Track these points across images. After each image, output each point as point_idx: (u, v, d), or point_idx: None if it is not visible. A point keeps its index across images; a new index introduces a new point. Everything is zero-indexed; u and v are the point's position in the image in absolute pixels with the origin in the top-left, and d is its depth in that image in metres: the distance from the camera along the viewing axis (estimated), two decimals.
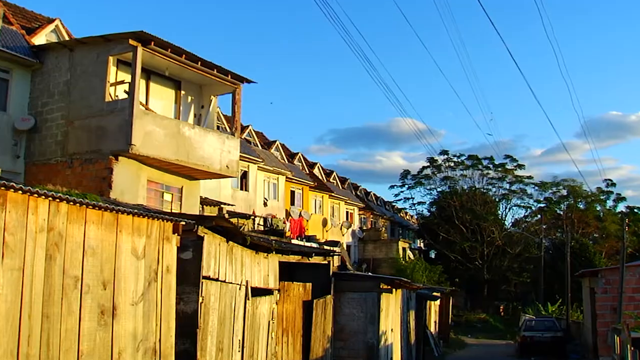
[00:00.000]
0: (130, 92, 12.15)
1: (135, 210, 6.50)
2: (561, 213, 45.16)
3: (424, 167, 46.65)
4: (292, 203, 31.68)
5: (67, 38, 14.32)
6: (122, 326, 5.97)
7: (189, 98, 15.04)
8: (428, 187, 46.13)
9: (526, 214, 46.31)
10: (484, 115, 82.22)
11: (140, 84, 12.80)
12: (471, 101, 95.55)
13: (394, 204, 52.12)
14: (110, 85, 12.59)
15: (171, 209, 13.36)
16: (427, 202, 46.47)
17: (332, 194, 36.79)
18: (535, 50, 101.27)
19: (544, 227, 41.35)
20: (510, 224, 46.09)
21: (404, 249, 40.37)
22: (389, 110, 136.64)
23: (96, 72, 12.43)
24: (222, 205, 19.95)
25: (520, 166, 45.84)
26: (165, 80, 14.23)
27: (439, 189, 45.74)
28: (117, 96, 12.81)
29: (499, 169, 45.25)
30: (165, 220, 7.14)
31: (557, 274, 35.37)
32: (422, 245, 52.23)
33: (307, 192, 33.38)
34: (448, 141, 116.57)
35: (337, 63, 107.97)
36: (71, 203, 5.33)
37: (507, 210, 45.90)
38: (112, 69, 12.63)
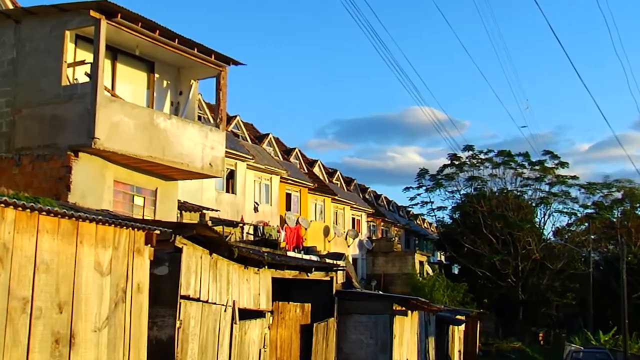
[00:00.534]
0: (93, 75, 12.07)
1: (100, 217, 6.45)
2: (614, 221, 44.40)
3: (444, 166, 46.59)
4: (288, 208, 31.69)
5: (11, 7, 14.14)
6: (82, 358, 5.91)
7: (165, 83, 15.00)
8: (450, 190, 46.08)
9: (570, 221, 45.53)
10: (518, 103, 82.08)
11: (105, 64, 12.70)
12: (502, 86, 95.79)
13: (409, 209, 52.20)
14: (68, 66, 12.50)
15: (143, 216, 13.29)
16: (449, 207, 46.42)
17: (336, 198, 36.81)
18: (583, 25, 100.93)
19: (593, 237, 40.98)
20: (551, 234, 45.85)
21: (421, 262, 40.36)
22: (403, 97, 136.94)
23: (50, 49, 12.26)
24: (204, 211, 19.93)
25: (563, 164, 45.38)
26: (135, 61, 14.18)
27: (463, 192, 45.72)
28: (76, 79, 12.73)
29: (536, 168, 44.98)
30: (135, 229, 7.11)
31: (611, 295, 34.86)
32: (443, 258, 52.17)
33: (305, 195, 33.38)
34: (474, 134, 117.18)
35: (341, 41, 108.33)
36: (19, 209, 5.26)
37: (546, 217, 45.50)
38: (69, 46, 12.53)
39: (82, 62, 12.70)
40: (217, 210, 22.02)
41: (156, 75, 14.71)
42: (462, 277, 41.89)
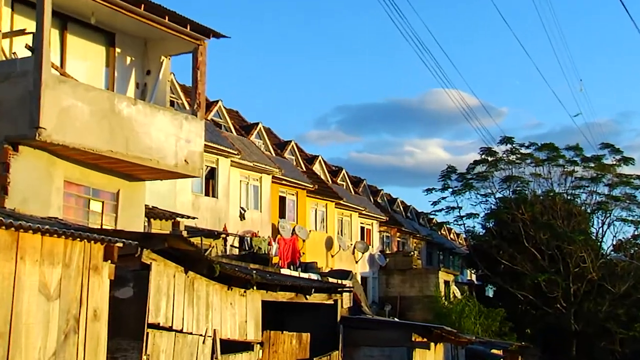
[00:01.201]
0: (36, 48, 12.00)
1: (46, 227, 6.42)
2: None
3: (476, 162, 46.45)
4: (282, 215, 31.72)
5: None
6: None
7: (128, 59, 15.01)
8: (482, 192, 45.92)
9: (637, 232, 45.18)
10: (570, 85, 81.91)
11: (52, 35, 12.69)
12: (550, 64, 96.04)
13: (431, 216, 52.25)
14: (3, 37, 12.47)
15: (102, 225, 13.30)
16: (482, 214, 46.31)
17: (341, 202, 36.90)
18: None
19: None
20: (611, 248, 45.38)
21: (446, 283, 40.39)
22: (425, 78, 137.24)
23: None
24: (178, 219, 19.96)
25: (627, 160, 44.22)
26: (91, 31, 14.17)
27: (498, 195, 45.58)
28: (14, 54, 12.69)
29: (592, 165, 44.39)
30: (92, 241, 7.11)
31: None
32: (474, 277, 52.17)
33: (303, 198, 33.43)
34: (513, 123, 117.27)
35: (346, 8, 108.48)
36: None
37: (604, 226, 44.76)
38: (4, 11, 12.51)
39: (22, 32, 12.63)
40: (194, 218, 22.04)
41: (117, 50, 14.71)
42: (499, 301, 41.78)
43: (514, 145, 45.08)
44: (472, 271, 50.38)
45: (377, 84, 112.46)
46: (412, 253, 42.76)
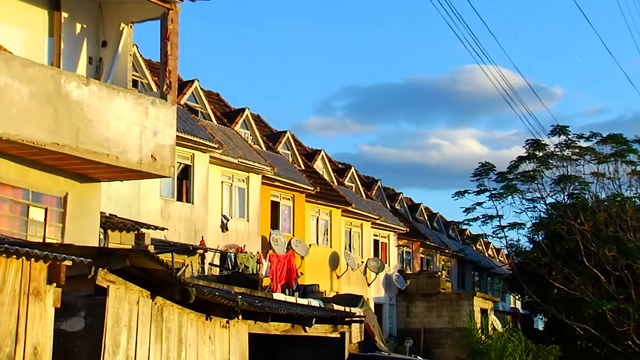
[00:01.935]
0: None
1: None
2: None
3: (520, 159, 46.31)
4: (275, 225, 31.75)
5: None
6: None
7: (78, 27, 15.01)
8: (529, 197, 45.88)
9: None
10: None
11: None
12: (617, 32, 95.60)
13: (464, 226, 52.13)
14: None
15: (44, 238, 13.31)
16: (528, 224, 46.28)
17: (349, 208, 36.91)
18: None
19: None
20: None
21: (483, 311, 40.34)
22: (455, 52, 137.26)
23: None
24: (143, 230, 19.98)
25: None
26: None
27: (550, 200, 45.52)
28: None
29: None
30: (32, 259, 7.12)
31: None
32: (518, 305, 52.09)
33: (301, 204, 33.46)
34: (569, 108, 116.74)
35: None
36: None
37: None
38: None
39: None
40: (163, 229, 22.04)
41: (64, 15, 14.72)
42: (552, 336, 41.75)
43: (569, 136, 44.82)
44: (517, 297, 50.26)
45: (395, 59, 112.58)
46: (440, 273, 42.73)
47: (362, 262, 37.87)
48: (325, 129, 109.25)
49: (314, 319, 14.93)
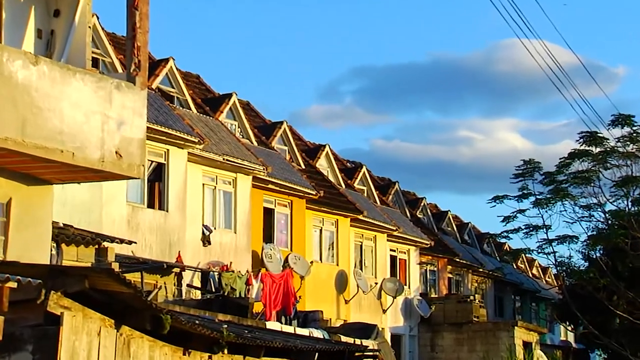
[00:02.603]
0: None
1: None
2: None
3: (572, 156, 46.20)
4: (269, 237, 31.77)
5: None
6: None
7: None
8: (584, 203, 45.82)
9: None
10: None
11: None
12: None
13: (502, 239, 51.90)
14: None
15: None
16: (582, 238, 46.21)
17: (360, 217, 36.93)
18: None
19: None
20: None
21: (527, 345, 40.22)
22: (491, 24, 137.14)
23: None
24: (105, 243, 20.01)
25: None
26: None
27: (610, 207, 45.43)
28: None
29: None
30: None
31: None
32: (570, 337, 51.96)
33: (301, 211, 33.46)
34: (634, 93, 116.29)
35: None
36: None
37: None
38: None
39: None
40: (130, 243, 22.08)
41: None
42: None
43: (634, 128, 44.76)
44: (569, 327, 50.11)
45: (416, 32, 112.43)
46: (472, 298, 42.68)
47: (376, 283, 37.85)
48: (330, 119, 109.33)
49: (317, 354, 14.93)
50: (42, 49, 14.98)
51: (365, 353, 17.79)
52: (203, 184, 28.62)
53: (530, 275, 57.56)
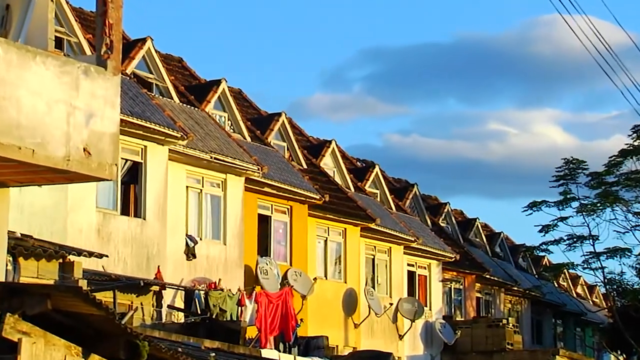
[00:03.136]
0: None
1: None
2: None
3: (624, 153, 46.39)
4: (264, 250, 31.81)
5: None
6: None
7: None
8: (637, 209, 45.87)
9: None
10: None
11: None
12: None
13: (540, 252, 52.06)
14: None
15: None
16: (636, 250, 46.24)
17: (372, 226, 36.97)
18: None
19: None
20: None
21: None
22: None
23: None
24: (71, 257, 20.00)
25: None
26: None
27: None
28: None
29: None
30: None
31: None
32: None
33: (302, 218, 33.52)
34: None
35: None
36: None
37: None
38: None
39: None
40: (100, 256, 22.07)
41: None
42: None
43: None
44: (620, 356, 50.23)
45: (440, 8, 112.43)
46: (506, 321, 42.65)
47: (391, 304, 37.85)
48: (336, 110, 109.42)
49: None
50: None
51: None
52: (187, 187, 28.62)
53: (574, 295, 57.47)
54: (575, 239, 45.41)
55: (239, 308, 26.79)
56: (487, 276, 45.85)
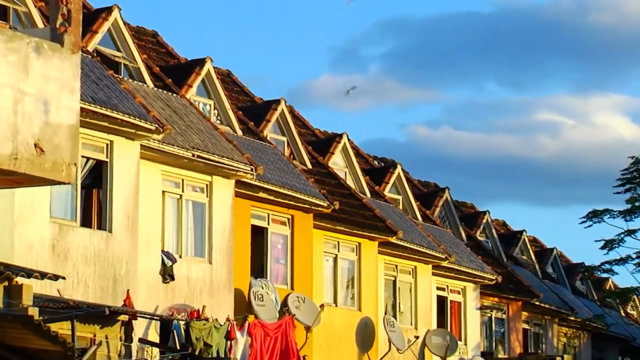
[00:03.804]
0: None
1: None
2: None
3: None
4: (260, 270, 31.94)
5: None
6: None
7: None
8: None
9: None
10: None
11: None
12: None
13: (602, 274, 52.19)
14: None
15: None
16: None
17: (393, 240, 37.09)
18: None
19: None
20: None
21: None
22: None
23: None
24: (19, 279, 20.02)
25: None
26: None
27: None
28: None
29: None
30: None
31: None
32: None
33: (307, 231, 33.62)
34: None
35: None
36: None
37: None
38: None
39: None
40: (56, 278, 22.09)
41: None
42: None
43: None
44: None
45: None
46: (561, 359, 42.76)
47: (417, 337, 37.94)
48: (348, 96, 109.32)
49: None
50: None
51: None
52: (163, 192, 28.66)
53: None
54: None
55: (228, 342, 26.79)
56: (537, 303, 45.89)
